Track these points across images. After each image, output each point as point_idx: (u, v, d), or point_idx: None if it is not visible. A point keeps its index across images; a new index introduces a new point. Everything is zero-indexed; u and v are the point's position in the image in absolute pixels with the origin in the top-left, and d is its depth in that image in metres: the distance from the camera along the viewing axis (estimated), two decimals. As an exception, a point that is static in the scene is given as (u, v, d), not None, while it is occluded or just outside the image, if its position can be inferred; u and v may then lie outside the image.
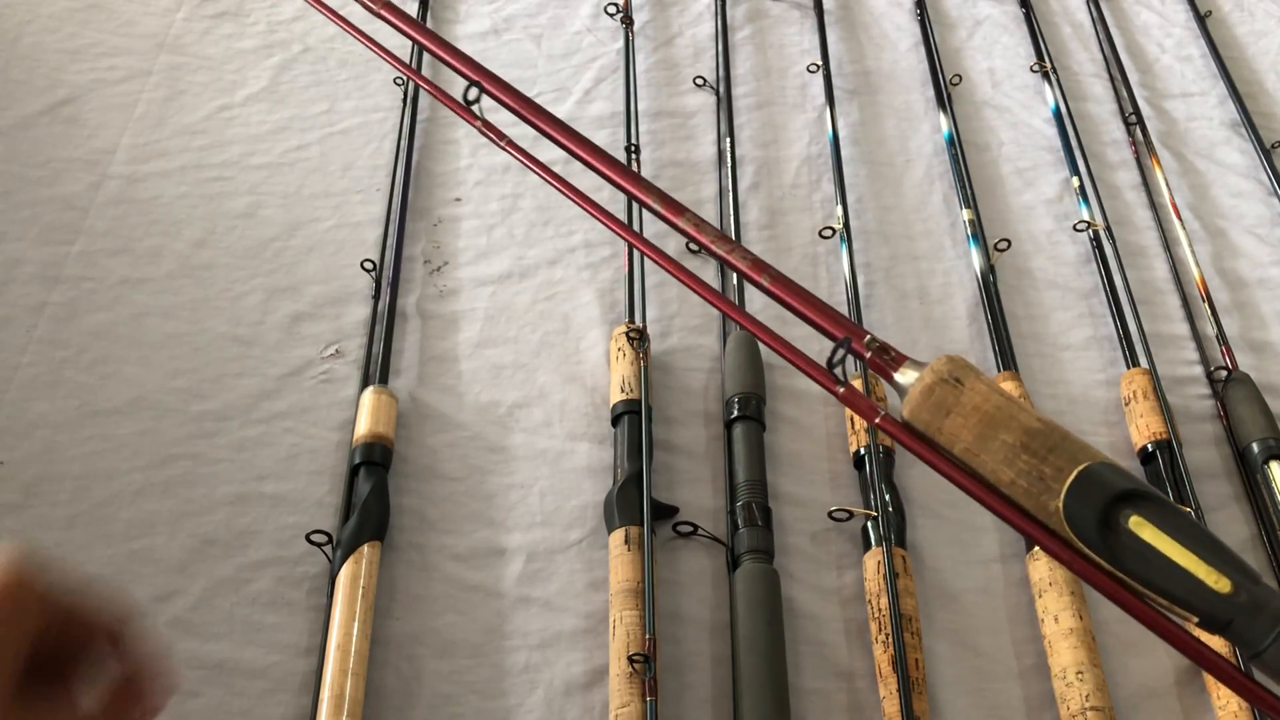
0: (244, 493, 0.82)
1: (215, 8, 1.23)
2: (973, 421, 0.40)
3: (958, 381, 0.40)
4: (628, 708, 0.69)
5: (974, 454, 0.40)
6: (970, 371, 0.41)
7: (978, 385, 0.40)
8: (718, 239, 0.48)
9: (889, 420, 0.42)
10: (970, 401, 0.40)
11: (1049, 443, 0.39)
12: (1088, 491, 0.38)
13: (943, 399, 0.40)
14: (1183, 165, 1.17)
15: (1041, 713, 0.75)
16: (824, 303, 0.45)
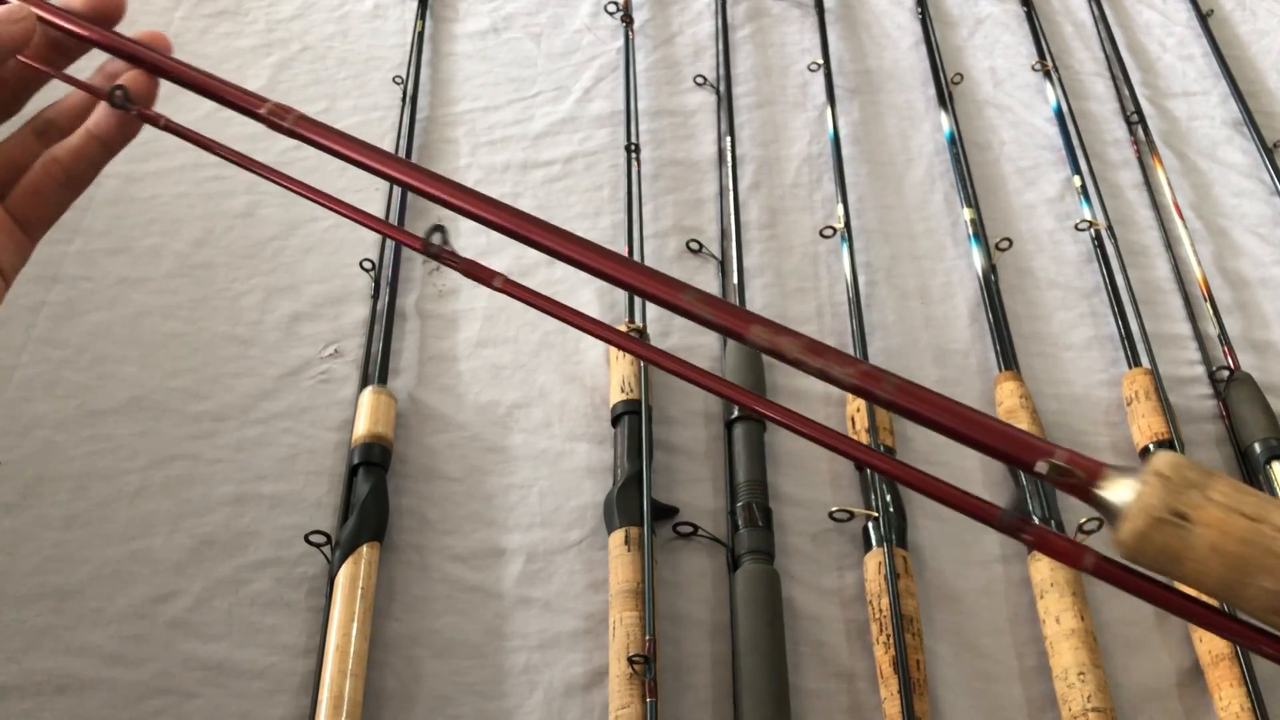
0: (243, 493, 0.81)
1: (214, 6, 1.22)
2: (1213, 567, 0.30)
3: (1181, 519, 0.30)
4: (627, 709, 0.69)
5: (1226, 598, 0.30)
6: (1194, 491, 0.30)
7: (1209, 514, 0.29)
8: (811, 350, 0.36)
9: (1107, 563, 0.32)
10: (1205, 541, 0.29)
11: None
12: None
13: (1166, 546, 0.30)
14: (1184, 164, 1.17)
15: (1043, 714, 0.75)
16: (989, 418, 0.35)
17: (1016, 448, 0.33)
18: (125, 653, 0.73)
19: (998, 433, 0.33)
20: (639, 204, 1.02)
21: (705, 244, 1.02)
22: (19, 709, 0.70)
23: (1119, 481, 0.31)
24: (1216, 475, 0.31)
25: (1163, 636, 0.79)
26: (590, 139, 1.12)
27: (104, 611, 0.74)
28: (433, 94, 1.16)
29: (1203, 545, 0.30)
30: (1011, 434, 0.33)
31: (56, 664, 0.72)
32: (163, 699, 0.71)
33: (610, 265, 0.40)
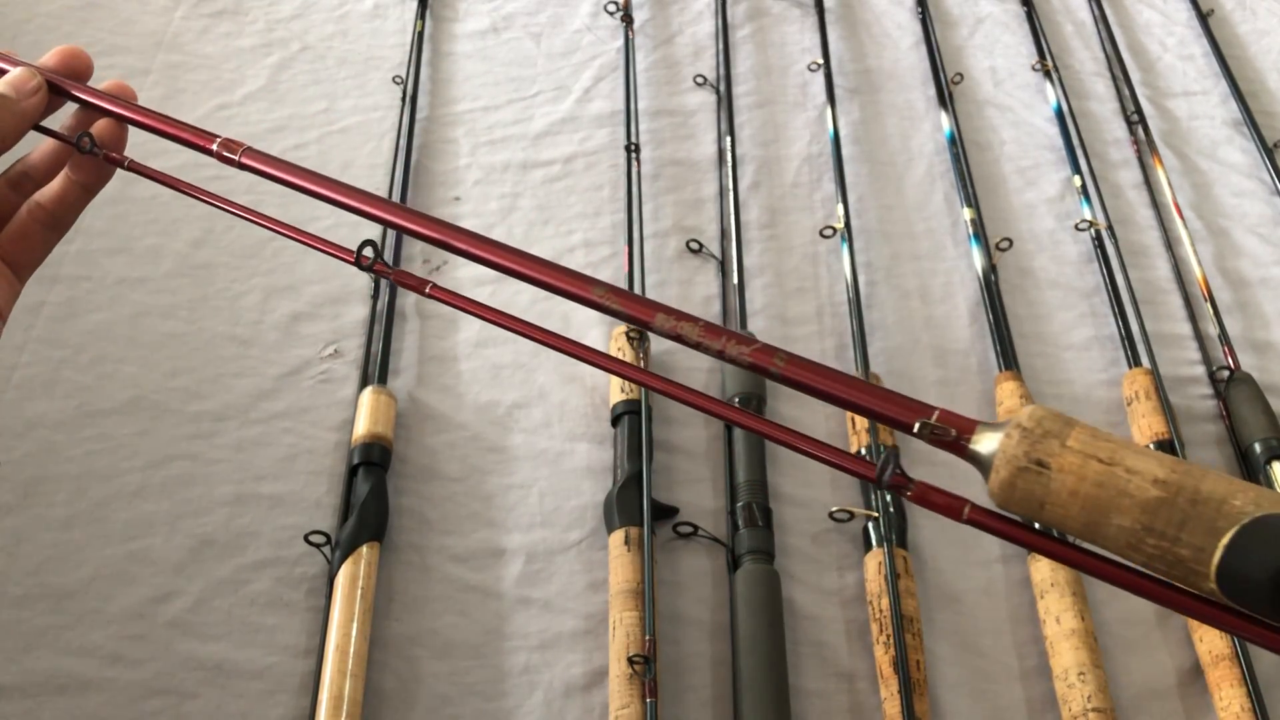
0: (242, 493, 0.81)
1: (213, 6, 1.22)
2: (1074, 510, 0.31)
3: (1040, 466, 0.31)
4: (627, 709, 0.69)
5: (1090, 539, 0.32)
6: (1053, 440, 0.31)
7: (1067, 461, 0.31)
8: (708, 332, 0.39)
9: (980, 512, 0.34)
10: (1063, 487, 0.31)
11: (1175, 517, 0.30)
12: (1244, 569, 0.29)
13: (1030, 492, 0.32)
14: (1185, 164, 1.17)
15: (1043, 714, 0.75)
16: (870, 385, 0.36)
17: (896, 409, 0.35)
18: (125, 653, 0.73)
19: (880, 397, 0.35)
20: (639, 204, 1.02)
21: (705, 244, 1.02)
22: (19, 709, 0.70)
23: (987, 435, 0.33)
24: (1075, 424, 0.32)
25: (1163, 636, 0.79)
26: (590, 139, 1.12)
27: (104, 611, 0.74)
28: (433, 94, 1.16)
29: (1062, 490, 0.31)
30: (891, 397, 0.35)
31: (56, 664, 0.72)
32: (162, 699, 0.71)
33: (522, 263, 0.43)
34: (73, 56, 0.46)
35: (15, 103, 0.42)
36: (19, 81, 0.43)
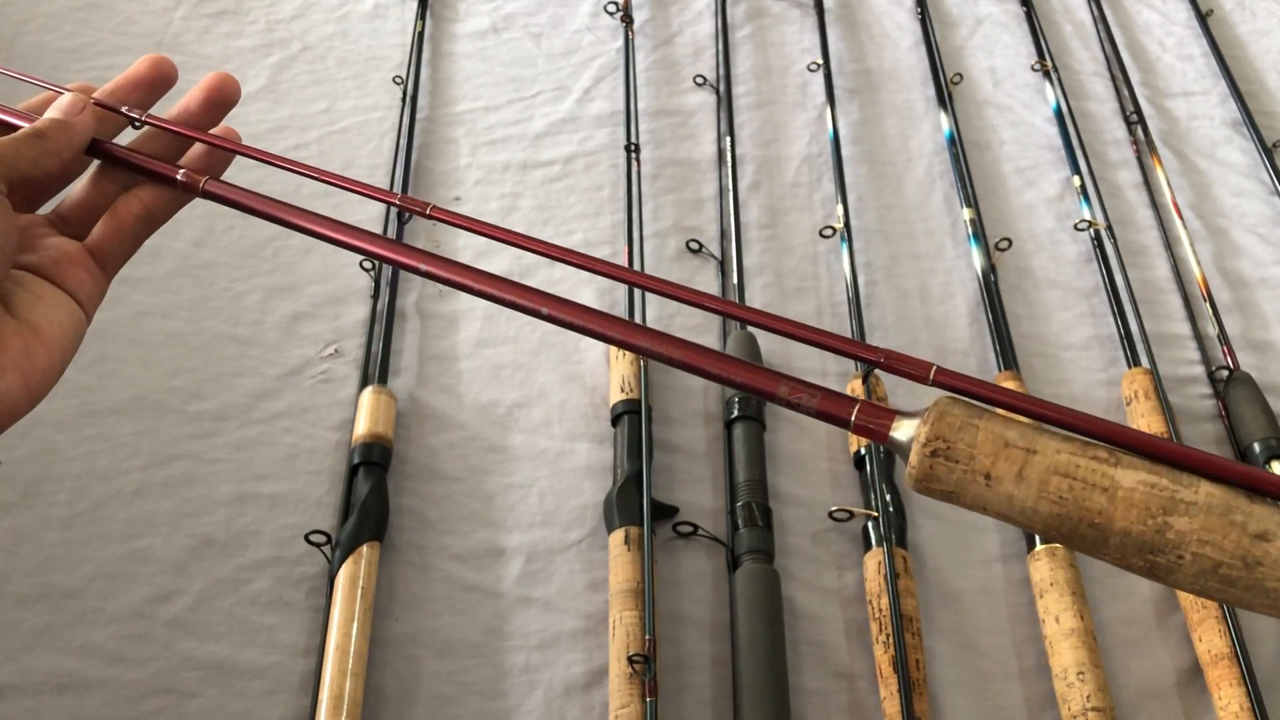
0: (243, 493, 0.81)
1: (214, 6, 1.22)
2: (994, 501, 0.33)
3: (949, 497, 0.34)
4: (627, 708, 0.69)
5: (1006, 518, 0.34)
6: (962, 432, 0.33)
7: (971, 493, 0.33)
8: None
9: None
10: (975, 478, 0.33)
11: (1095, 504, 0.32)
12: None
13: (944, 488, 0.34)
14: (1184, 164, 1.17)
15: (1043, 713, 0.75)
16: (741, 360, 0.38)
17: (834, 407, 0.36)
18: (125, 652, 0.73)
19: (826, 396, 0.36)
20: (639, 204, 1.02)
21: (705, 244, 1.02)
22: (19, 708, 0.70)
23: (904, 424, 0.35)
24: (984, 414, 0.34)
25: (1162, 636, 0.79)
26: (590, 139, 1.12)
27: (104, 611, 0.74)
28: (433, 94, 1.16)
29: (975, 482, 0.33)
30: (827, 396, 0.36)
31: (57, 663, 0.72)
32: (163, 698, 0.71)
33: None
34: (155, 65, 0.47)
35: (67, 123, 0.44)
36: (68, 106, 0.44)
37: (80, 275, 0.43)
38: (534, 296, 0.42)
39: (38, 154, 0.42)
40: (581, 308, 0.41)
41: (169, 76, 0.48)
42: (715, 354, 0.38)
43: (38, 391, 0.41)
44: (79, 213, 0.45)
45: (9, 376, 0.39)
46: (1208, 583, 0.31)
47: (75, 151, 0.44)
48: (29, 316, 0.41)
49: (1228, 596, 0.31)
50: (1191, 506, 0.31)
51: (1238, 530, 0.30)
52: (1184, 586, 0.32)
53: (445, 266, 0.43)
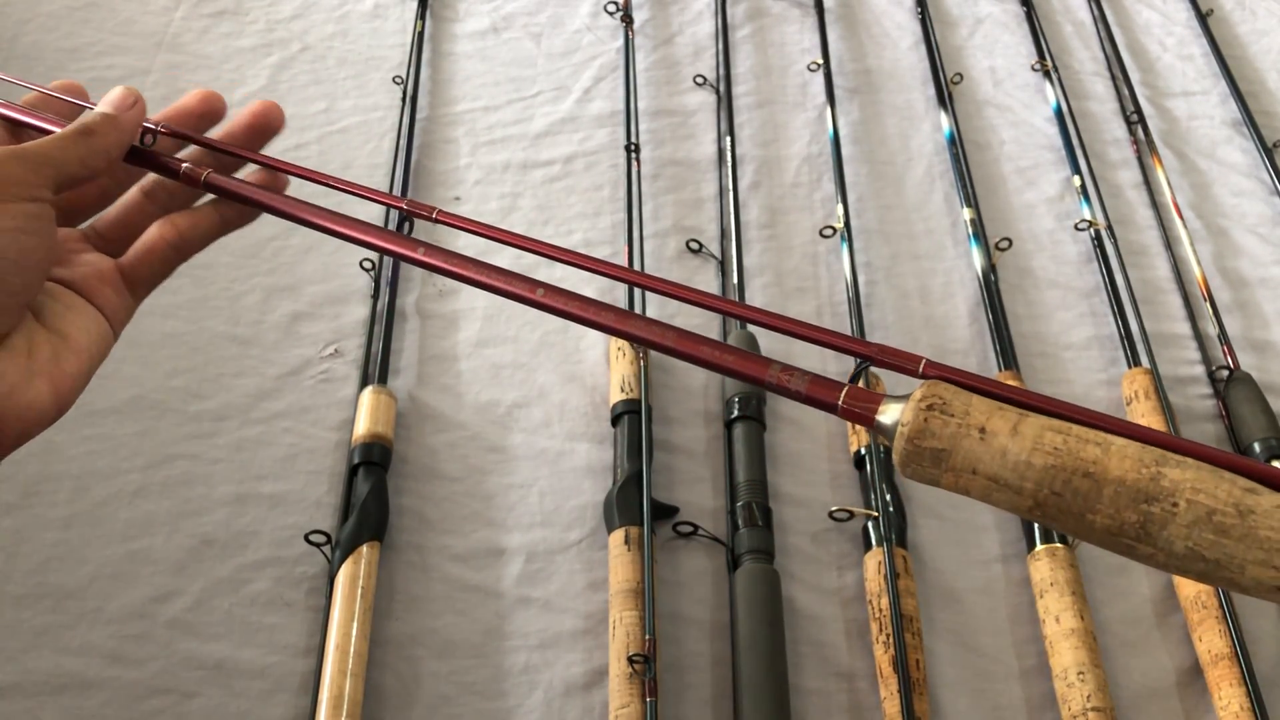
0: (242, 493, 0.81)
1: (214, 6, 1.22)
2: (976, 485, 0.34)
3: (938, 459, 0.34)
4: (627, 708, 0.69)
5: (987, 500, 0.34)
6: (944, 425, 0.34)
7: (964, 450, 0.33)
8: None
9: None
10: (966, 464, 0.33)
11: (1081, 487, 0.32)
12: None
13: (929, 473, 0.34)
14: (1184, 164, 1.17)
15: (1043, 713, 0.75)
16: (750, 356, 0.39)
17: (822, 391, 0.37)
18: (125, 652, 0.73)
19: (814, 381, 0.37)
20: (639, 204, 1.02)
21: (705, 244, 1.02)
22: (19, 708, 0.70)
23: (891, 407, 0.35)
24: (971, 398, 0.34)
25: (1162, 636, 0.79)
26: (590, 139, 1.12)
27: (104, 611, 0.74)
28: (433, 94, 1.16)
29: (964, 470, 0.34)
30: (815, 380, 0.37)
31: (56, 663, 0.72)
32: (163, 698, 0.71)
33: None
34: (206, 100, 0.48)
35: (116, 118, 0.43)
36: (118, 100, 0.44)
37: (109, 294, 0.44)
38: (527, 283, 0.43)
39: (86, 153, 0.42)
40: (574, 295, 0.41)
41: (218, 112, 0.48)
42: (707, 340, 0.39)
43: (66, 399, 0.41)
44: (115, 230, 0.45)
45: (38, 383, 0.40)
46: (1201, 533, 0.30)
47: (123, 149, 0.44)
48: (59, 326, 0.41)
49: (1219, 553, 0.30)
50: (1183, 463, 0.31)
51: (1229, 483, 0.31)
52: (1176, 545, 0.31)
53: (441, 256, 0.44)
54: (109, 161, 0.43)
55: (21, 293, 0.39)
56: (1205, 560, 0.31)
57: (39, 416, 0.40)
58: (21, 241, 0.38)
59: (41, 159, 0.40)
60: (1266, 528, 0.30)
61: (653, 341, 0.39)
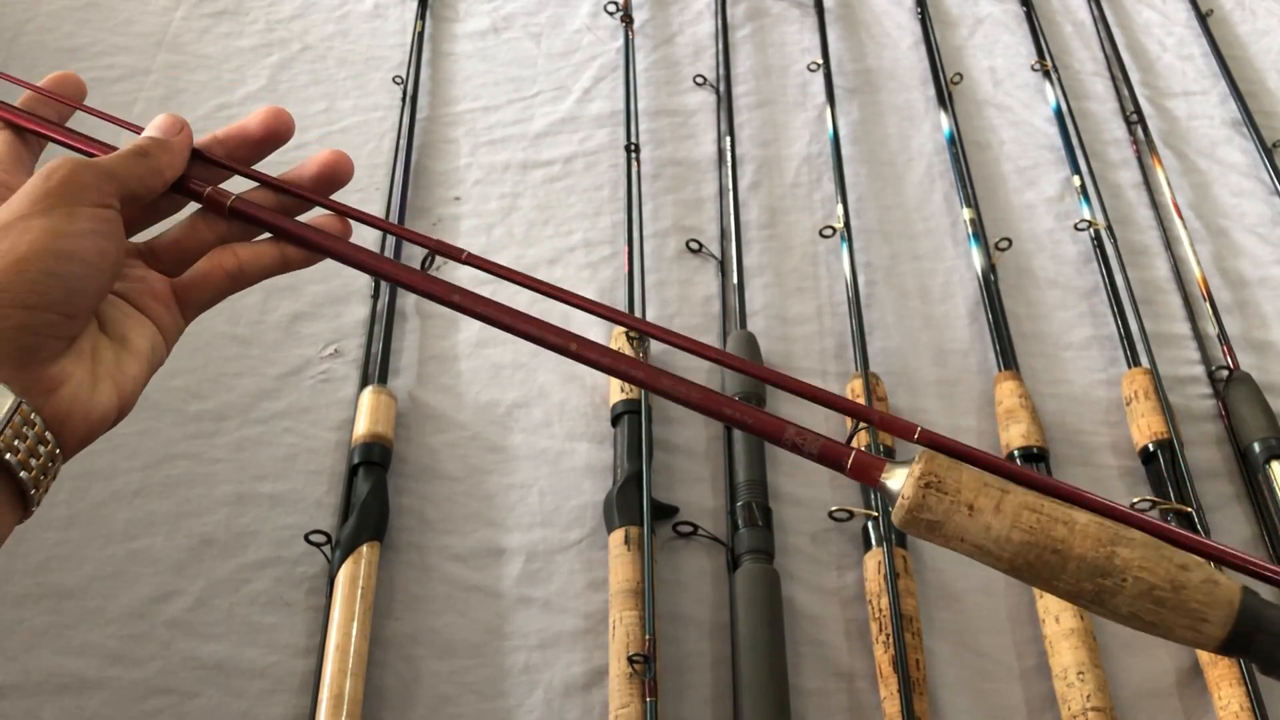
0: (242, 493, 0.81)
1: (214, 6, 1.22)
2: (966, 548, 0.39)
3: (932, 528, 0.39)
4: (627, 708, 0.69)
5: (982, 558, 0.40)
6: (939, 501, 0.39)
7: (954, 523, 0.39)
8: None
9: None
10: (955, 534, 0.39)
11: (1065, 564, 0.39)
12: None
13: (930, 530, 0.39)
14: (1184, 164, 1.17)
15: (1042, 713, 0.75)
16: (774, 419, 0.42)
17: (832, 452, 0.41)
18: (125, 652, 0.73)
19: (826, 444, 0.41)
20: (639, 204, 1.02)
21: (705, 244, 1.02)
22: (19, 708, 0.70)
23: (896, 473, 0.40)
24: (964, 471, 0.39)
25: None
26: (590, 139, 1.12)
27: (104, 611, 0.74)
28: (433, 94, 1.17)
29: (954, 537, 0.39)
30: (828, 444, 0.41)
31: (57, 663, 0.72)
32: (163, 698, 0.71)
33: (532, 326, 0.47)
34: (266, 124, 0.48)
35: (166, 142, 0.44)
36: (166, 125, 0.45)
37: (160, 310, 0.44)
38: (561, 335, 0.46)
39: (144, 172, 0.43)
40: (606, 349, 0.46)
41: (284, 133, 0.48)
42: (730, 400, 0.43)
43: (128, 402, 0.42)
44: (170, 251, 0.46)
45: (103, 387, 0.41)
46: (1142, 604, 0.39)
47: (177, 170, 0.44)
48: (119, 332, 0.42)
49: (1156, 618, 0.39)
50: (1132, 541, 0.38)
51: (1166, 561, 0.38)
52: (1121, 610, 0.39)
53: (478, 302, 0.46)
54: (164, 183, 0.44)
55: (96, 295, 0.40)
56: (1144, 621, 0.39)
57: (103, 418, 0.41)
58: (99, 245, 0.39)
59: (108, 170, 0.41)
60: (1194, 601, 0.38)
61: (679, 397, 0.43)
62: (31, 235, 0.38)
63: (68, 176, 0.40)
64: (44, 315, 0.37)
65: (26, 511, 0.40)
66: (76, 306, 0.39)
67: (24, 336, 0.37)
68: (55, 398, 0.38)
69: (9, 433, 0.37)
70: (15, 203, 0.39)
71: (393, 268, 0.47)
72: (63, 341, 0.39)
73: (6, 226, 0.38)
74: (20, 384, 0.37)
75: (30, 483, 0.38)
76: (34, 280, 0.37)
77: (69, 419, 0.39)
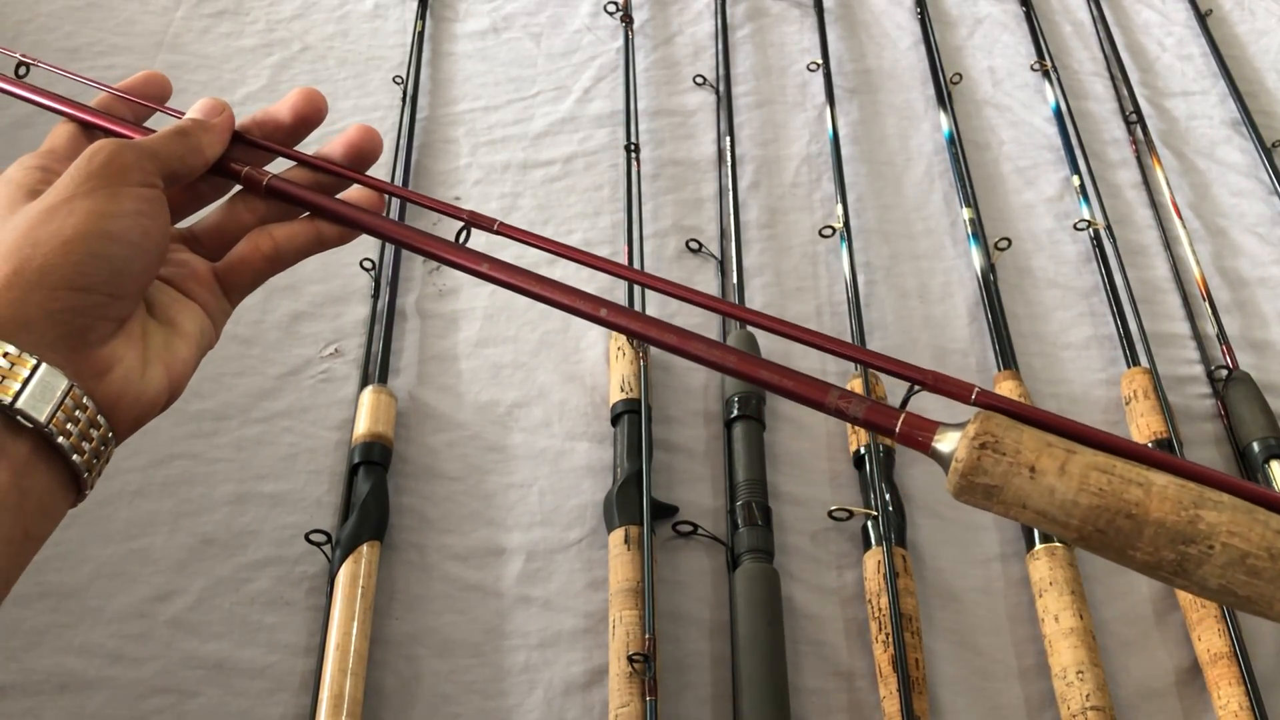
0: (243, 492, 0.82)
1: (214, 6, 1.23)
2: (1029, 516, 0.36)
3: (989, 493, 0.36)
4: (627, 708, 0.69)
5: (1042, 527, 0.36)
6: (995, 463, 0.36)
7: (1014, 486, 0.35)
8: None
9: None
10: (1016, 500, 0.36)
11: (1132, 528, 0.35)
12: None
13: (988, 495, 0.36)
14: (1183, 164, 1.17)
15: (1042, 712, 0.75)
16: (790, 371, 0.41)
17: (879, 416, 0.39)
18: (126, 651, 0.73)
19: (872, 406, 0.39)
20: (638, 203, 1.02)
21: (705, 243, 1.02)
22: (19, 708, 0.70)
23: (949, 435, 0.37)
24: (1024, 431, 0.36)
25: (1162, 635, 0.79)
26: (590, 139, 1.12)
27: (104, 610, 0.74)
28: (433, 94, 1.17)
29: (1014, 502, 0.36)
30: (874, 406, 0.39)
31: (57, 663, 0.72)
32: (163, 698, 0.71)
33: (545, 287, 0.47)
34: (298, 106, 0.48)
35: (206, 123, 0.45)
36: (208, 107, 0.46)
37: (205, 294, 0.45)
38: (592, 302, 0.44)
39: (185, 151, 0.43)
40: (636, 314, 0.44)
41: (317, 115, 0.48)
42: (768, 364, 0.41)
43: (179, 384, 0.42)
44: (212, 235, 0.46)
45: (153, 369, 0.41)
46: (1234, 574, 0.33)
47: (217, 150, 0.45)
48: (168, 315, 0.42)
49: (1251, 591, 0.33)
50: (1219, 504, 0.33)
51: (1262, 525, 0.33)
52: (1210, 582, 0.33)
53: (508, 271, 0.45)
54: (205, 162, 0.44)
55: (141, 275, 0.40)
56: (1237, 596, 0.33)
57: (153, 401, 0.41)
58: (144, 225, 0.39)
59: (150, 150, 0.41)
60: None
61: (713, 362, 0.42)
62: (76, 218, 0.38)
63: (110, 157, 0.40)
64: (92, 297, 0.38)
65: (80, 495, 0.39)
66: (123, 287, 0.39)
67: (73, 318, 0.37)
68: (106, 380, 0.38)
69: (61, 416, 0.36)
70: (60, 185, 0.39)
71: (425, 240, 0.46)
72: (112, 324, 0.39)
73: (52, 209, 0.38)
74: (72, 367, 0.37)
75: (83, 466, 0.38)
76: (80, 262, 0.37)
77: (120, 402, 0.39)
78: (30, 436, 0.36)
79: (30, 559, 0.38)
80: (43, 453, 0.37)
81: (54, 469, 0.38)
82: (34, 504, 0.37)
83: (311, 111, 0.48)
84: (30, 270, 0.37)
